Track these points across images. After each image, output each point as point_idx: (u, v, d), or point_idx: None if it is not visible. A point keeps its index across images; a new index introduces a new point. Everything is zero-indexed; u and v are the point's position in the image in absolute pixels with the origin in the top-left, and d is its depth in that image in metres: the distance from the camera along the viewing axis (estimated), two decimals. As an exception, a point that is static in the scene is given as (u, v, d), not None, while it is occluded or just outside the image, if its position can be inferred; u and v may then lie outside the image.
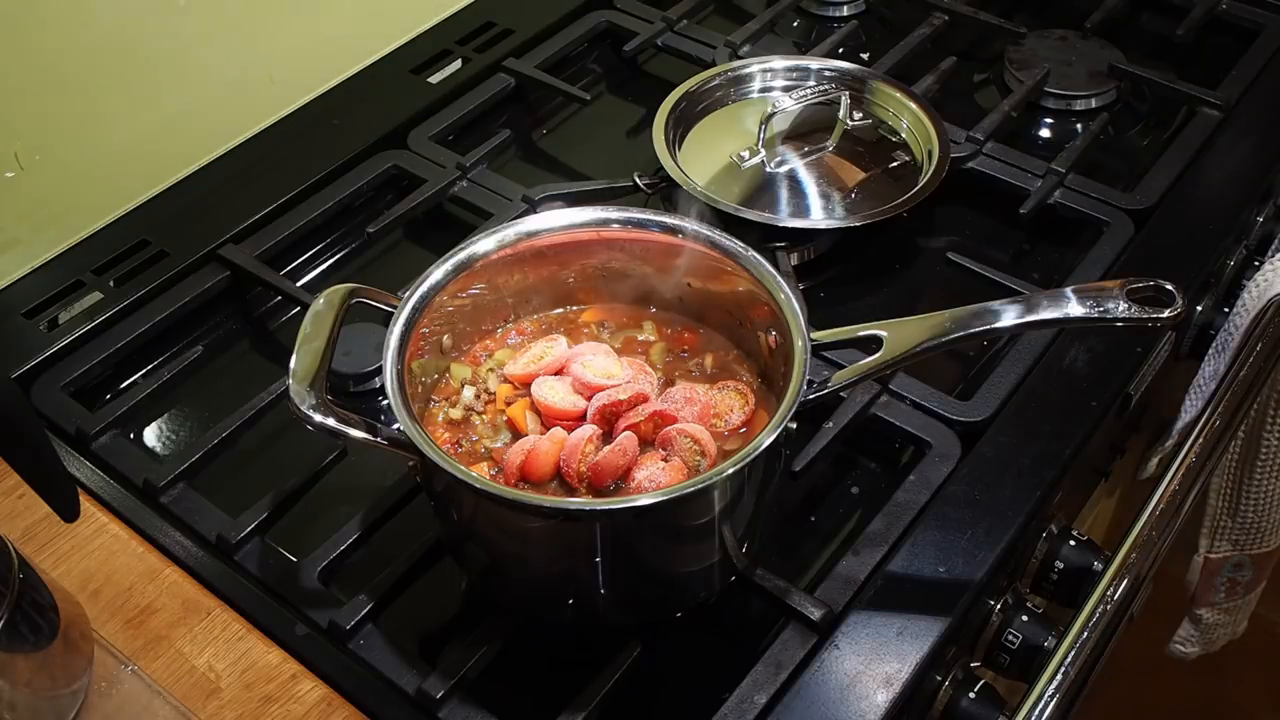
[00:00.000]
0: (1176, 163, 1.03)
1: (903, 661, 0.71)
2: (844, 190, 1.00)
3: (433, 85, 1.15)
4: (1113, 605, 0.79)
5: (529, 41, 1.19)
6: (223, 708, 0.71)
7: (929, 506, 0.79)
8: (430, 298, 0.75)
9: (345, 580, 0.77)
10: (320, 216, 1.03)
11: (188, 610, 0.76)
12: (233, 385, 0.92)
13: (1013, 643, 0.79)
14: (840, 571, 0.76)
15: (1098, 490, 1.00)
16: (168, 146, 1.05)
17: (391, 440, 0.69)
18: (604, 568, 0.69)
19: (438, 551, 0.77)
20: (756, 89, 1.09)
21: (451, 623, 0.78)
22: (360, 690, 0.71)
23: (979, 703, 0.76)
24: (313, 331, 0.71)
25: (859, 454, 0.86)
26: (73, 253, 1.00)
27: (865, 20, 1.25)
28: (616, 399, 0.74)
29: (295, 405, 0.67)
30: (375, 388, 0.89)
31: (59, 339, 0.92)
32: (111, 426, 0.86)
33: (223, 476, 0.85)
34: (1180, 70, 1.17)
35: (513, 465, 0.72)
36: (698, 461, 0.72)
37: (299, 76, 1.13)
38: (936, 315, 0.72)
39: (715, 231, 0.77)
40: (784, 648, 0.72)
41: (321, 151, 1.07)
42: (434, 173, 1.05)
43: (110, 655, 0.73)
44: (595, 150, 1.14)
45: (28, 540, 0.79)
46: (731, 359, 0.80)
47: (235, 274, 0.97)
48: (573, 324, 0.83)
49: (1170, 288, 0.70)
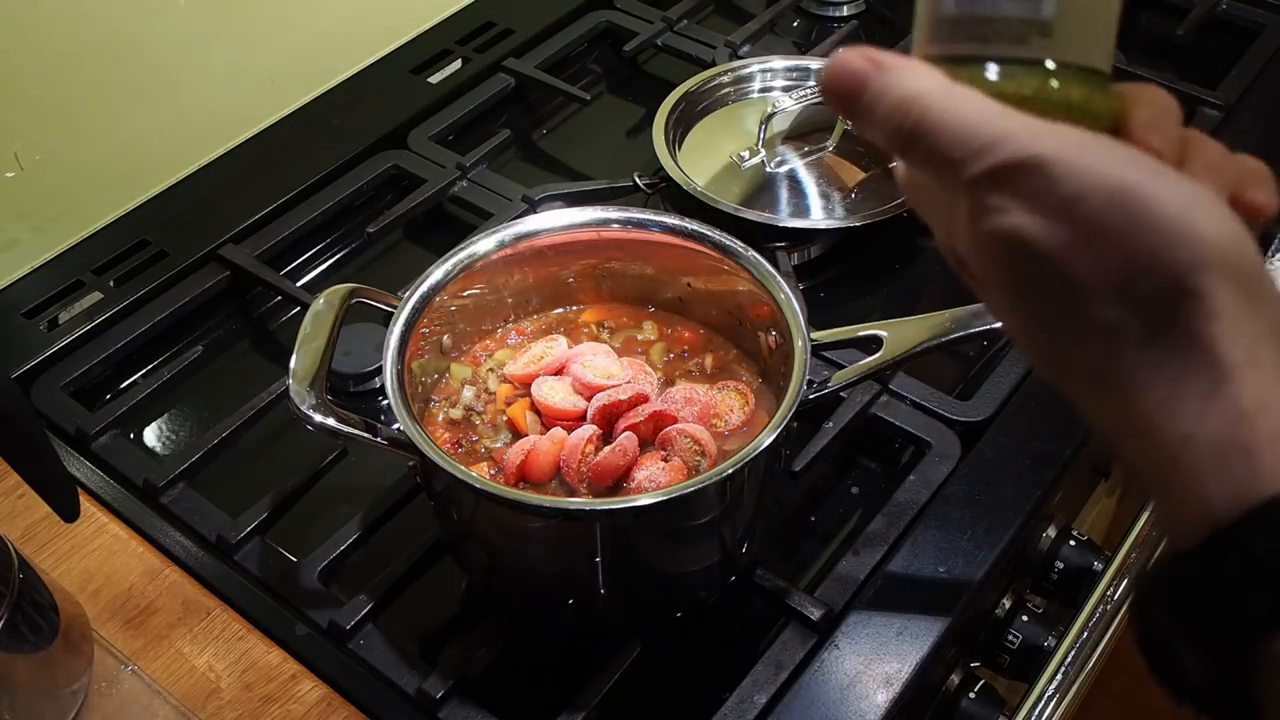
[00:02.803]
0: (1176, 163, 1.03)
1: (903, 661, 0.71)
2: (844, 190, 1.00)
3: (433, 85, 1.15)
4: (1113, 605, 0.79)
5: (529, 41, 1.19)
6: (223, 708, 0.71)
7: (929, 506, 0.79)
8: (430, 298, 0.75)
9: (345, 580, 0.77)
10: (320, 216, 1.03)
11: (188, 610, 0.76)
12: (233, 385, 0.91)
13: (1013, 643, 0.79)
14: (840, 571, 0.76)
15: (1098, 490, 1.00)
16: (168, 146, 1.05)
17: (391, 440, 0.69)
18: (604, 568, 0.69)
19: (438, 551, 0.77)
20: (756, 89, 1.09)
21: (451, 623, 0.78)
22: (360, 690, 0.71)
23: (979, 703, 0.76)
24: (313, 331, 0.71)
25: (859, 454, 0.86)
26: (73, 253, 1.00)
27: (865, 20, 1.25)
28: (616, 399, 0.74)
29: (295, 405, 0.67)
30: (375, 388, 0.89)
31: (59, 339, 0.92)
32: (111, 426, 0.86)
33: (223, 476, 0.85)
34: (1180, 70, 1.17)
35: (513, 465, 0.72)
36: (698, 461, 0.72)
37: (299, 76, 1.13)
38: (936, 315, 0.72)
39: (715, 231, 0.77)
40: (784, 648, 0.72)
41: (321, 151, 1.07)
42: (434, 173, 1.05)
43: (110, 655, 0.73)
44: (595, 150, 1.14)
45: (28, 540, 0.79)
46: (731, 359, 0.80)
47: (235, 274, 0.97)
48: (573, 324, 0.83)
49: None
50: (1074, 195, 0.38)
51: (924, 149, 0.41)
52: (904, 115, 0.41)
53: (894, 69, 0.42)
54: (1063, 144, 0.39)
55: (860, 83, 0.42)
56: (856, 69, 0.42)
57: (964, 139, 0.40)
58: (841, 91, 0.43)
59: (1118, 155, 0.39)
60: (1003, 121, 0.40)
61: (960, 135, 0.40)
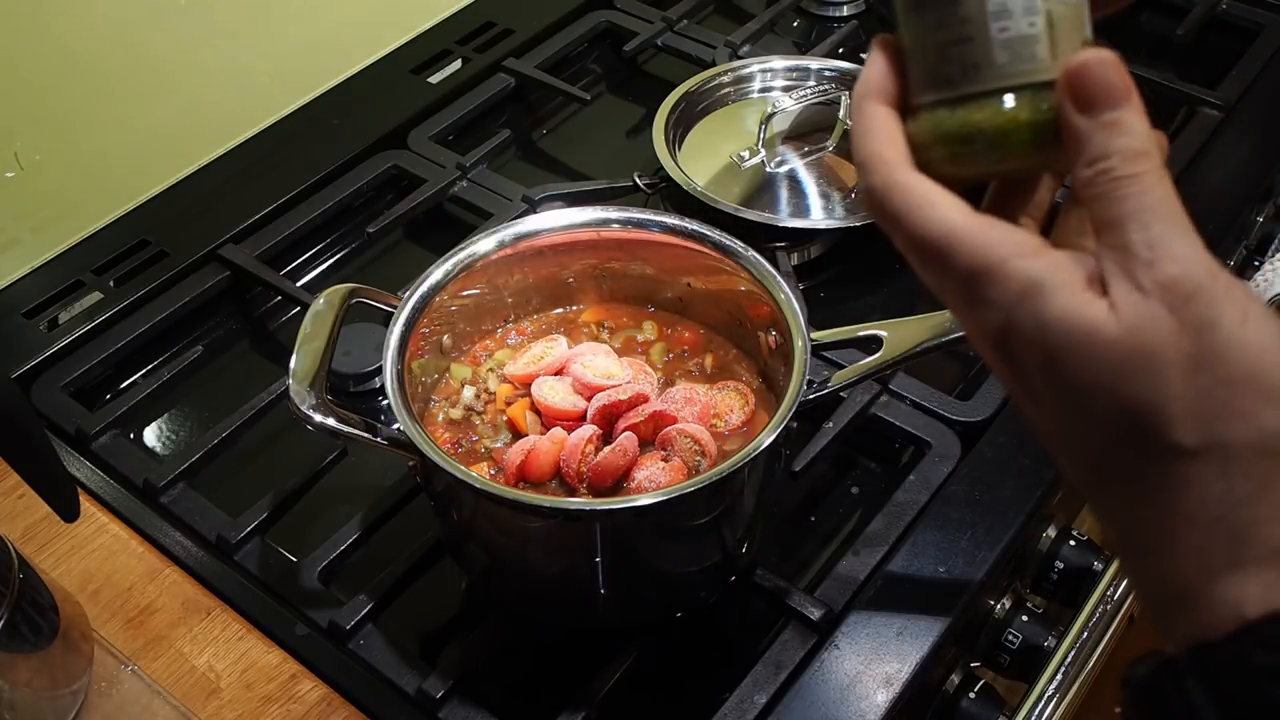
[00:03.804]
0: (1176, 163, 1.03)
1: (903, 661, 0.71)
2: (844, 190, 1.00)
3: (433, 85, 1.15)
4: (1112, 605, 0.79)
5: (529, 41, 1.19)
6: (223, 708, 0.71)
7: (929, 506, 0.79)
8: (430, 298, 0.75)
9: (345, 580, 0.77)
10: (320, 216, 1.03)
11: (188, 610, 0.76)
12: (233, 385, 0.91)
13: (1013, 643, 0.79)
14: (840, 571, 0.76)
15: (1098, 490, 1.00)
16: (168, 146, 1.05)
17: (391, 440, 0.69)
18: (604, 568, 0.69)
19: (438, 551, 0.77)
20: (756, 89, 1.09)
21: (451, 623, 0.78)
22: (360, 690, 0.71)
23: (979, 703, 0.76)
24: (313, 331, 0.71)
25: (859, 454, 0.86)
26: (73, 253, 1.00)
27: (865, 20, 1.25)
28: (616, 399, 0.74)
29: (295, 405, 0.67)
30: (375, 388, 0.89)
31: (59, 339, 0.92)
32: (111, 426, 0.86)
33: (223, 476, 0.85)
34: (1180, 70, 1.17)
35: (513, 465, 0.72)
36: (698, 461, 0.72)
37: (299, 76, 1.13)
38: (936, 315, 0.72)
39: (715, 231, 0.77)
40: (784, 648, 0.72)
41: (321, 151, 1.07)
42: (434, 173, 1.05)
43: (110, 655, 0.73)
44: (595, 150, 1.14)
45: (28, 540, 0.79)
46: (731, 359, 0.80)
47: (235, 274, 0.97)
48: (573, 324, 0.83)
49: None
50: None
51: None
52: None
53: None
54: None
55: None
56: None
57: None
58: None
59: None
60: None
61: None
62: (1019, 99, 0.42)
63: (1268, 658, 0.37)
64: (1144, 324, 0.38)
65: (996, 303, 0.41)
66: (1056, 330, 0.40)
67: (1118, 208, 0.39)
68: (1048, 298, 0.40)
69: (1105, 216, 0.40)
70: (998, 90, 0.42)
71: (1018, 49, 0.42)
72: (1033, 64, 0.42)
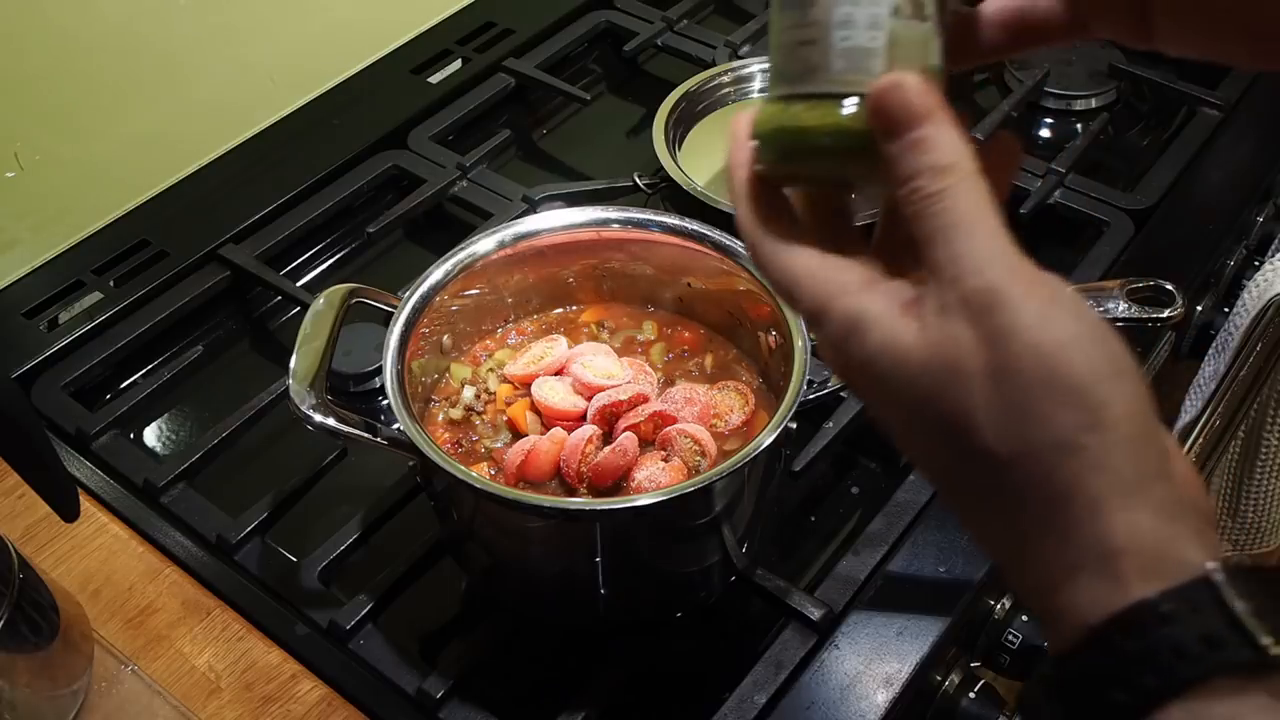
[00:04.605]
0: (1176, 163, 1.03)
1: (903, 661, 0.71)
2: (844, 190, 1.00)
3: (433, 85, 1.15)
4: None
5: (529, 41, 1.19)
6: (223, 708, 0.71)
7: (929, 506, 0.79)
8: (430, 298, 0.75)
9: (345, 580, 0.77)
10: (320, 216, 1.03)
11: (188, 610, 0.76)
12: (233, 385, 0.91)
13: (1013, 643, 0.79)
14: (840, 571, 0.76)
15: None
16: (168, 146, 1.05)
17: (391, 440, 0.69)
18: (604, 568, 0.69)
19: (438, 551, 0.77)
20: (756, 89, 1.09)
21: (451, 623, 0.78)
22: (360, 690, 0.71)
23: (979, 703, 0.76)
24: (313, 331, 0.71)
25: (859, 454, 0.86)
26: (73, 253, 1.00)
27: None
28: (616, 399, 0.74)
29: (295, 405, 0.67)
30: (375, 388, 0.89)
31: (59, 339, 0.92)
32: (111, 426, 0.86)
33: (223, 476, 0.85)
34: (1180, 70, 1.17)
35: (513, 465, 0.72)
36: (698, 461, 0.72)
37: (299, 76, 1.13)
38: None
39: (715, 231, 0.77)
40: (784, 648, 0.72)
41: (321, 151, 1.07)
42: (434, 173, 1.05)
43: (110, 655, 0.73)
44: (595, 150, 1.14)
45: (28, 540, 0.79)
46: (731, 359, 0.80)
47: (235, 274, 0.97)
48: (573, 324, 0.83)
49: (1170, 288, 0.70)
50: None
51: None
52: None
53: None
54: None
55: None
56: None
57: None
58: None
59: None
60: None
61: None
62: (847, 106, 0.43)
63: (1108, 663, 0.37)
64: (945, 340, 0.39)
65: (830, 341, 0.43)
66: (879, 360, 0.41)
67: (928, 225, 0.40)
68: (868, 331, 0.41)
69: (919, 235, 0.41)
70: (830, 95, 0.43)
71: (855, 59, 0.43)
72: (868, 76, 0.42)
